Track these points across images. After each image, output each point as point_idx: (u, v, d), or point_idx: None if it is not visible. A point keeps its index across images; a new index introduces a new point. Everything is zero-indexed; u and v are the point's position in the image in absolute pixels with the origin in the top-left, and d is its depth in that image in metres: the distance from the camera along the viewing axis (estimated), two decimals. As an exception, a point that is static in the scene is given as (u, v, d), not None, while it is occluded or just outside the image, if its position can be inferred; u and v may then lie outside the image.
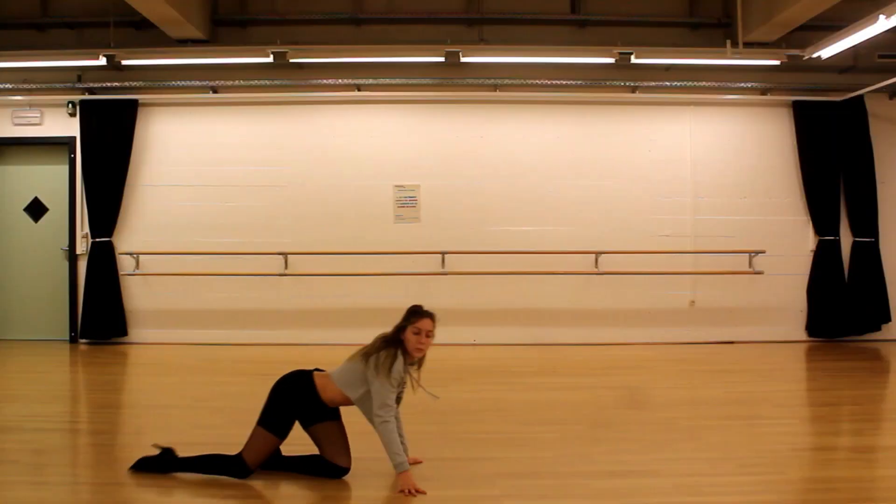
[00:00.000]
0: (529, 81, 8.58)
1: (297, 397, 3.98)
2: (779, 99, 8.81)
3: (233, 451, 4.09)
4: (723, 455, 4.38)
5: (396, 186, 8.71)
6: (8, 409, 5.70)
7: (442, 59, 8.11)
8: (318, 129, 8.76)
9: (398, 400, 4.03)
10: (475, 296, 8.66)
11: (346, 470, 3.97)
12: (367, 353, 3.96)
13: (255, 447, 3.95)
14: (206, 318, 8.69)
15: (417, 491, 3.73)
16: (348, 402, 3.98)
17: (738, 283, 8.71)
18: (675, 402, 5.90)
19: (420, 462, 4.13)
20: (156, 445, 4.08)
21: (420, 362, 4.10)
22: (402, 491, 3.74)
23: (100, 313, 8.55)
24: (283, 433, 3.96)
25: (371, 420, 3.92)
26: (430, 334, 3.98)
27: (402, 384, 3.99)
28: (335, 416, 4.07)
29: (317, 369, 4.10)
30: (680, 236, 8.77)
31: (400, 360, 3.91)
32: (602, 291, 8.70)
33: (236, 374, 7.20)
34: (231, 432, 4.75)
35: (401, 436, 4.02)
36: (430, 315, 4.02)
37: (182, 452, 4.24)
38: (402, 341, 3.97)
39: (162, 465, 4.03)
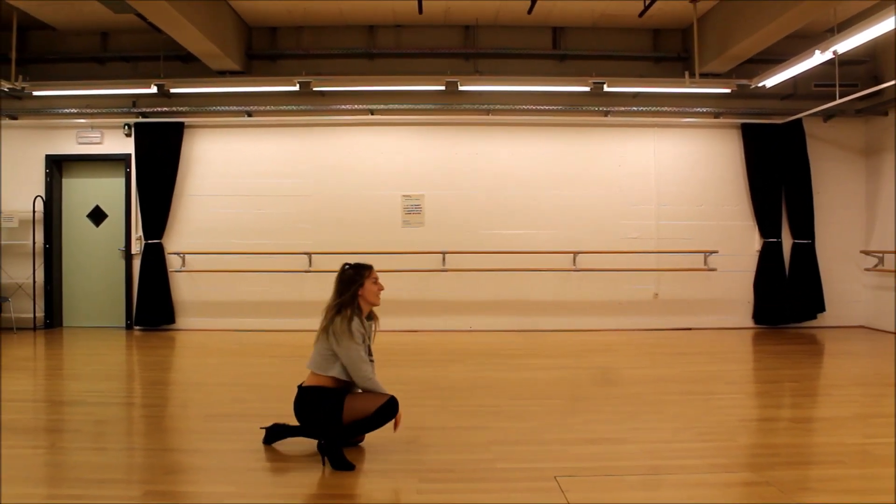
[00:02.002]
0: (517, 107, 8.68)
1: (315, 412, 3.75)
2: (729, 122, 8.90)
3: (260, 422, 4.14)
4: (682, 425, 4.41)
5: (404, 196, 8.79)
6: (74, 385, 5.80)
7: (443, 88, 8.24)
8: (337, 147, 8.82)
9: (369, 350, 3.84)
10: (471, 289, 8.74)
11: (387, 403, 3.72)
12: (325, 328, 3.76)
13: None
14: (242, 308, 8.74)
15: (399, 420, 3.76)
16: (341, 382, 3.79)
17: (695, 278, 8.83)
18: (641, 379, 5.91)
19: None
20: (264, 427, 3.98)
21: (373, 314, 3.94)
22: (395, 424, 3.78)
23: (151, 304, 8.67)
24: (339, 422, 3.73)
25: (358, 384, 3.75)
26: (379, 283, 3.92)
27: (367, 338, 3.82)
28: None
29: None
30: (646, 238, 8.84)
31: (357, 320, 3.73)
32: (579, 285, 8.78)
33: (267, 356, 7.20)
34: (261, 405, 4.88)
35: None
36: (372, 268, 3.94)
37: (220, 423, 4.35)
38: (357, 298, 3.79)
39: (280, 433, 3.93)
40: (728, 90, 8.19)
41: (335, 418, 3.67)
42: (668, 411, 4.80)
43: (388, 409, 3.71)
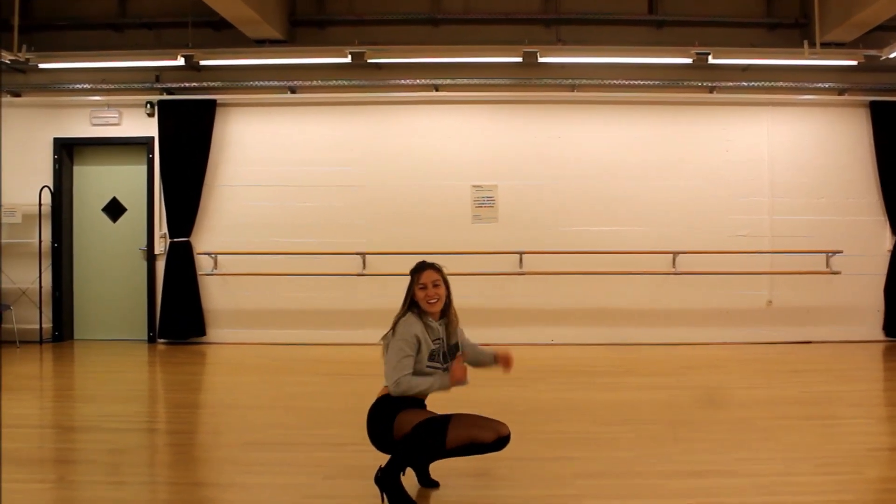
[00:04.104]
0: (607, 82, 8.51)
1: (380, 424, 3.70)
2: (856, 99, 8.69)
3: (306, 452, 4.30)
4: (799, 455, 4.34)
5: (474, 186, 8.65)
6: (86, 408, 5.76)
7: (519, 60, 8.02)
8: (395, 129, 8.71)
9: (443, 357, 3.80)
10: (552, 296, 8.58)
11: (430, 420, 3.61)
12: (387, 333, 3.80)
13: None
14: (284, 317, 8.62)
15: (462, 377, 3.69)
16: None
17: (815, 282, 8.61)
18: (752, 401, 5.83)
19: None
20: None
21: (448, 316, 3.88)
22: (460, 375, 3.69)
23: (178, 313, 8.54)
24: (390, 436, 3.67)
25: (390, 390, 3.68)
26: (437, 283, 3.77)
27: (436, 340, 3.77)
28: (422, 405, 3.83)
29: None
30: (757, 236, 8.66)
31: (410, 320, 3.72)
32: (679, 291, 8.60)
33: (313, 374, 7.19)
34: (307, 432, 4.92)
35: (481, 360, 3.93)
36: (430, 266, 3.83)
37: (259, 452, 4.38)
38: (415, 303, 3.79)
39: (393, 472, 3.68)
40: (854, 62, 7.99)
41: (388, 431, 3.59)
42: (784, 439, 4.73)
43: (428, 428, 3.49)
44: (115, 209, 8.88)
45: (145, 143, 8.72)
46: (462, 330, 3.93)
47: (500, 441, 3.55)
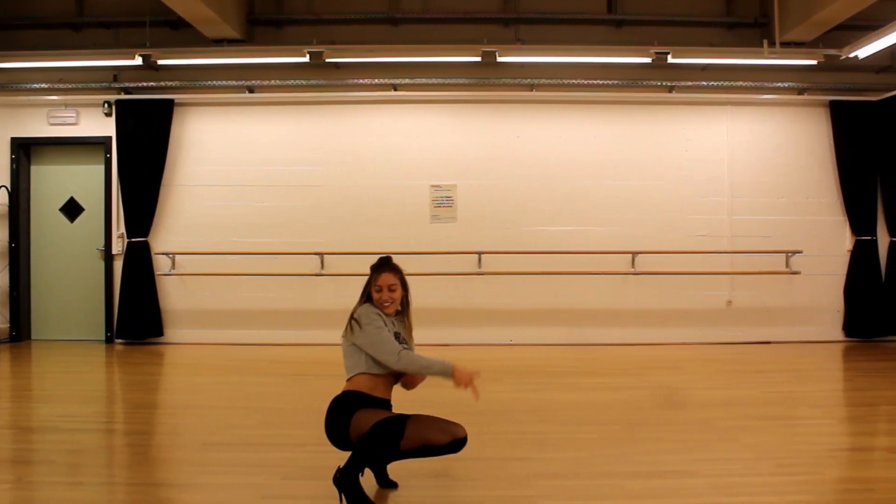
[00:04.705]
0: (566, 81, 8.49)
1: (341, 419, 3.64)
2: (816, 99, 8.70)
3: (265, 452, 4.24)
4: (759, 455, 4.33)
5: (433, 186, 8.62)
6: (44, 409, 5.70)
7: (478, 59, 7.98)
8: (354, 129, 8.66)
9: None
10: (511, 296, 8.55)
11: (453, 443, 3.55)
12: (346, 324, 3.78)
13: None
14: (243, 318, 8.58)
15: (473, 380, 3.53)
16: (376, 379, 3.69)
17: (774, 283, 8.61)
18: (712, 402, 5.82)
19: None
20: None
21: (405, 315, 3.90)
22: (463, 385, 3.52)
23: (136, 313, 8.47)
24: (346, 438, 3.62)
25: (393, 365, 3.63)
26: (393, 288, 3.76)
27: (392, 330, 3.75)
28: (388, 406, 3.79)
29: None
30: (717, 236, 8.66)
31: (370, 309, 3.71)
32: (638, 291, 8.59)
33: (272, 374, 7.16)
34: (265, 433, 4.86)
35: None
36: (390, 268, 3.81)
37: (217, 452, 4.34)
38: (371, 300, 3.81)
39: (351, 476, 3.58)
40: (814, 61, 7.97)
41: (344, 430, 3.55)
42: (744, 439, 4.71)
43: (385, 428, 3.43)
44: (72, 209, 8.82)
45: (103, 142, 8.66)
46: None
47: (454, 443, 3.53)
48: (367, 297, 3.81)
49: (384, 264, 3.85)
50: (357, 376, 3.67)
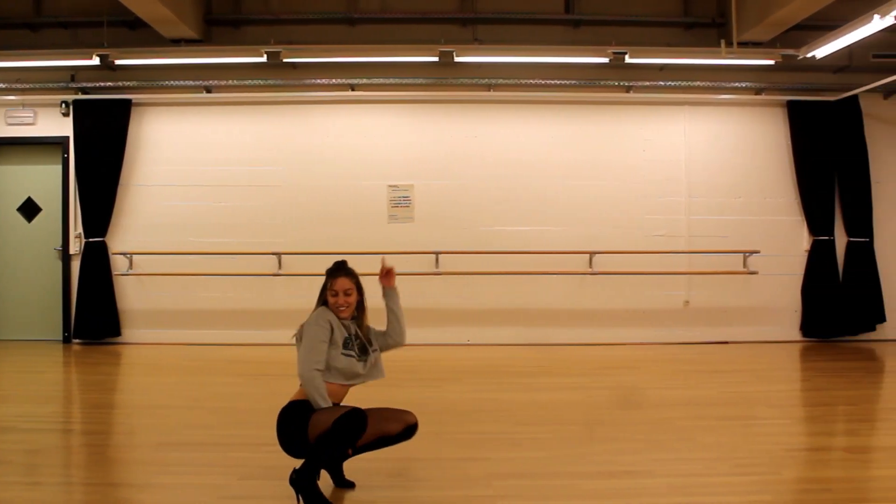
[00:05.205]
0: (523, 81, 8.47)
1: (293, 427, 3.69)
2: (773, 99, 8.72)
3: (222, 452, 4.27)
4: (717, 455, 4.35)
5: (390, 186, 8.62)
6: (1, 409, 5.66)
7: (436, 59, 7.98)
8: (311, 129, 8.66)
9: (359, 349, 3.80)
10: (469, 296, 8.57)
11: (349, 413, 3.55)
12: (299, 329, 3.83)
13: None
14: (200, 318, 8.58)
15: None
16: (329, 382, 3.70)
17: (732, 283, 8.64)
18: (670, 402, 5.84)
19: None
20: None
21: (360, 319, 3.91)
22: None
23: (93, 313, 8.45)
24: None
25: (299, 374, 3.68)
26: (348, 292, 3.80)
27: (350, 336, 3.78)
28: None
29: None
30: (674, 236, 8.67)
31: (324, 310, 3.77)
32: (596, 291, 8.60)
33: (230, 374, 7.15)
34: (223, 433, 4.87)
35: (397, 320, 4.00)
36: (345, 273, 3.84)
37: (175, 452, 4.36)
38: (327, 303, 3.85)
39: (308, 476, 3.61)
40: (771, 62, 7.97)
41: (301, 434, 3.55)
42: (701, 439, 4.77)
43: (349, 422, 3.46)
44: (29, 209, 8.78)
45: (60, 142, 8.63)
46: (374, 329, 3.99)
47: (407, 430, 3.65)
48: (322, 301, 3.84)
49: (340, 269, 3.88)
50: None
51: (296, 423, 3.58)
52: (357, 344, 3.81)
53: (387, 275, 4.00)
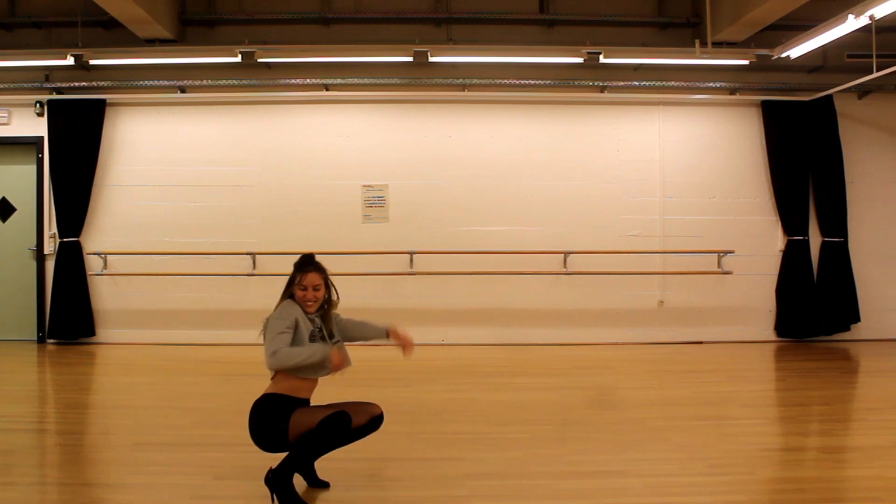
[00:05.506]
0: (498, 81, 8.48)
1: (270, 419, 3.66)
2: (748, 99, 8.73)
3: (197, 452, 4.31)
4: (692, 455, 4.38)
5: (364, 186, 8.61)
6: None
7: (410, 59, 7.99)
8: (286, 129, 8.66)
9: (323, 340, 3.78)
10: (443, 296, 8.58)
11: (335, 415, 3.59)
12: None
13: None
14: (175, 318, 8.57)
15: (340, 364, 3.57)
16: (299, 376, 3.67)
17: (706, 283, 8.65)
18: (644, 402, 5.88)
19: None
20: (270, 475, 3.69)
21: (327, 313, 3.87)
22: (337, 368, 3.57)
23: (68, 313, 8.43)
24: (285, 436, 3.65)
25: (267, 363, 3.62)
26: (317, 287, 3.78)
27: (315, 329, 3.77)
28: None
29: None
30: (649, 236, 8.68)
31: (289, 303, 3.73)
32: (570, 291, 8.60)
33: (204, 374, 7.17)
34: (197, 433, 4.89)
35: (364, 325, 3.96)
36: (315, 268, 3.82)
37: (150, 452, 4.39)
38: (294, 297, 3.80)
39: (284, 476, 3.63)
40: (746, 62, 8.00)
41: (281, 432, 3.56)
42: (676, 439, 4.78)
43: (334, 424, 3.51)
44: (4, 209, 8.71)
45: (35, 142, 8.61)
46: (341, 317, 3.95)
47: (373, 421, 3.70)
48: (289, 294, 3.81)
49: (309, 263, 3.86)
50: (278, 375, 3.67)
51: (272, 417, 3.57)
52: (320, 337, 3.81)
53: (406, 346, 3.88)
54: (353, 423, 3.60)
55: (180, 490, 3.78)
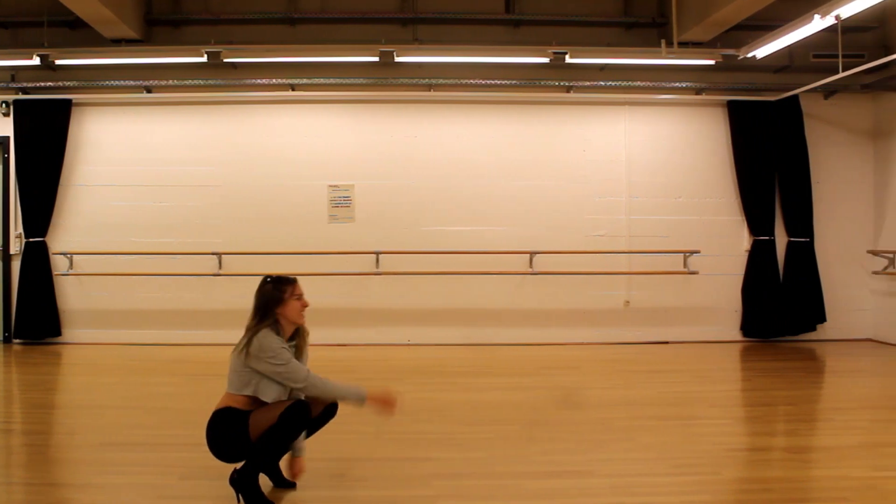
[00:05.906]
0: (464, 81, 8.48)
1: (228, 435, 3.62)
2: (714, 98, 8.73)
3: (162, 452, 4.34)
4: (658, 455, 4.41)
5: (331, 186, 8.60)
6: None
7: (376, 59, 7.95)
8: (252, 129, 8.64)
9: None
10: (409, 296, 8.58)
11: (293, 405, 3.59)
12: (241, 349, 3.64)
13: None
14: (141, 318, 8.55)
15: (392, 402, 3.62)
16: (257, 403, 3.63)
17: (672, 283, 8.65)
18: (610, 402, 5.91)
19: None
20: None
21: (299, 338, 3.81)
22: (388, 413, 3.61)
23: (33, 313, 8.41)
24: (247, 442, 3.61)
25: (300, 391, 3.63)
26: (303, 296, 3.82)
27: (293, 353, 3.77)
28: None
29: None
30: (615, 236, 8.69)
31: (270, 334, 3.61)
32: (537, 291, 8.60)
33: (170, 374, 7.16)
34: (163, 433, 4.90)
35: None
36: (295, 279, 3.81)
37: (115, 452, 4.41)
38: (278, 316, 3.67)
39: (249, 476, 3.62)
40: (712, 61, 8.02)
41: (242, 437, 3.54)
42: (642, 439, 4.81)
43: (295, 413, 3.53)
44: (-30, 209, 8.73)
45: (0, 142, 8.56)
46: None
47: (328, 411, 3.74)
48: (271, 313, 3.67)
49: (288, 277, 3.80)
50: (239, 397, 3.59)
51: (230, 428, 3.55)
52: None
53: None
54: (313, 413, 3.63)
55: (146, 490, 3.78)
